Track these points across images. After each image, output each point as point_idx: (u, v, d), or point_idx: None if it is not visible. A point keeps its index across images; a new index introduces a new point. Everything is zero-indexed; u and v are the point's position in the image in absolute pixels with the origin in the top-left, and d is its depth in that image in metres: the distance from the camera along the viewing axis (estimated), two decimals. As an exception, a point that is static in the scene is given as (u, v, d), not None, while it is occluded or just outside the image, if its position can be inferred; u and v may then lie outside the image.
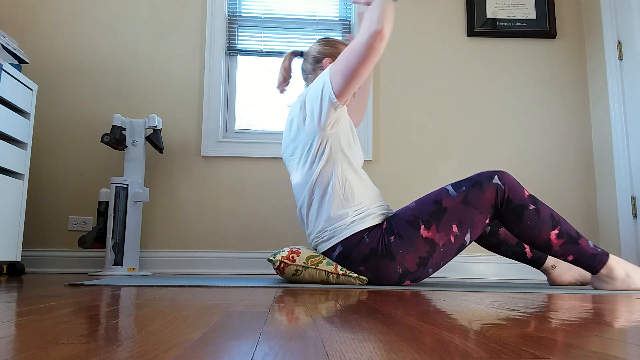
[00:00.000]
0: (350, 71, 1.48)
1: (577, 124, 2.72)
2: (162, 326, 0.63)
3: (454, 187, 1.54)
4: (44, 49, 2.59)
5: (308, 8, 2.79)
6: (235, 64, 2.75)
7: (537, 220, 1.47)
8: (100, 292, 1.20)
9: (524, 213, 1.47)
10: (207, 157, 2.58)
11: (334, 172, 1.60)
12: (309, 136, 1.62)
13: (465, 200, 1.50)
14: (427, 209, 1.53)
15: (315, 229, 1.64)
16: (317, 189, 1.61)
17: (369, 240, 1.55)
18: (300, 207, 1.68)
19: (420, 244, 1.51)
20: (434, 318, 0.75)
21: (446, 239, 1.52)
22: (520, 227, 1.48)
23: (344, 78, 1.50)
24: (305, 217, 1.67)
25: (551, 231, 1.47)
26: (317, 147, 1.60)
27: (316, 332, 0.60)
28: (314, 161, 1.62)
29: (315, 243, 1.66)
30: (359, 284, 1.58)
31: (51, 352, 0.45)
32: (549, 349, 0.50)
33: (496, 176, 1.51)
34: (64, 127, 2.55)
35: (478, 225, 1.52)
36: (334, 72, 1.53)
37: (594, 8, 2.70)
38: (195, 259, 2.48)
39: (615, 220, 2.51)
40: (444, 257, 1.54)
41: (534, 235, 1.47)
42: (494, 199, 1.50)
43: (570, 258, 1.49)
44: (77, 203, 2.50)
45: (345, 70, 1.49)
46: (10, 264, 2.06)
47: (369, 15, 1.45)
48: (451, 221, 1.51)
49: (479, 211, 1.50)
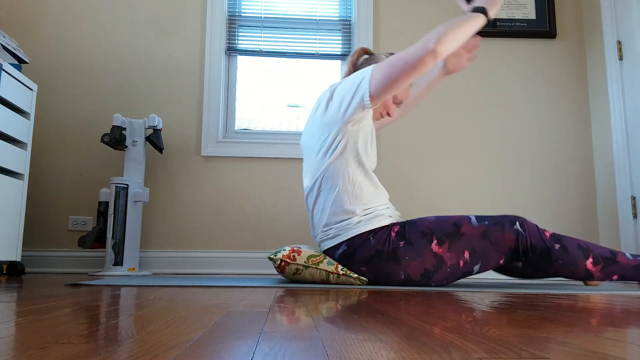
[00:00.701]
0: (392, 75, 1.46)
1: (577, 124, 2.72)
2: (162, 326, 0.63)
3: (477, 219, 1.55)
4: (44, 49, 2.59)
5: (308, 8, 2.79)
6: (235, 64, 2.75)
7: (567, 256, 1.48)
8: (100, 292, 1.20)
9: (552, 254, 1.48)
10: (207, 157, 2.58)
11: (345, 168, 1.58)
12: (329, 125, 1.58)
13: (485, 234, 1.52)
14: (444, 228, 1.54)
15: (320, 222, 1.63)
16: (326, 181, 1.59)
17: (375, 242, 1.54)
18: (308, 195, 1.67)
19: (429, 257, 1.51)
20: (434, 318, 0.75)
21: (455, 261, 1.52)
22: (555, 268, 1.49)
23: (384, 80, 1.47)
24: (312, 208, 1.66)
25: (586, 261, 1.48)
26: (334, 139, 1.57)
27: (316, 332, 0.60)
28: (327, 152, 1.59)
29: (320, 239, 1.66)
30: (359, 285, 1.58)
31: (51, 352, 0.45)
32: (549, 349, 0.50)
33: (517, 222, 1.52)
34: (64, 127, 2.55)
35: (490, 261, 1.53)
36: (377, 71, 1.49)
37: (594, 8, 2.70)
38: (195, 259, 2.48)
39: (615, 220, 2.51)
40: (448, 276, 1.54)
41: (571, 270, 1.49)
42: (514, 244, 1.51)
43: (616, 277, 1.51)
44: (77, 203, 2.50)
45: (388, 73, 1.46)
46: (10, 264, 2.06)
47: (438, 29, 1.43)
48: (465, 247, 1.52)
49: (496, 249, 1.51)
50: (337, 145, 1.57)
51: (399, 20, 2.74)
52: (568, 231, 2.63)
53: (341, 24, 2.79)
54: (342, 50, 2.76)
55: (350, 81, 1.56)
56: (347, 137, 1.57)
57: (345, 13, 2.80)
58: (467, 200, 2.60)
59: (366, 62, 1.73)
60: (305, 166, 1.70)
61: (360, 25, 2.70)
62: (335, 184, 1.58)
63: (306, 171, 1.69)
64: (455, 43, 1.43)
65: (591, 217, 2.64)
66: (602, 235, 2.60)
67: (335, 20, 2.79)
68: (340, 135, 1.57)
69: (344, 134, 1.57)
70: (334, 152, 1.57)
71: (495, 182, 2.65)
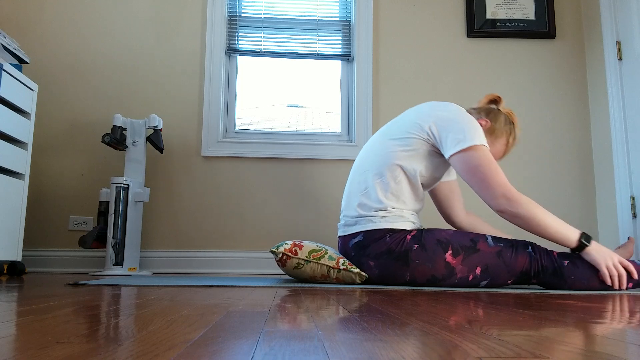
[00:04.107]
0: (482, 176, 1.49)
1: (576, 124, 2.72)
2: (162, 326, 0.63)
3: (493, 239, 1.56)
4: (45, 49, 2.59)
5: (308, 8, 2.79)
6: (235, 64, 2.75)
7: (578, 270, 1.49)
8: (100, 291, 1.20)
9: (563, 271, 1.50)
10: (207, 157, 2.58)
11: (405, 169, 1.59)
12: (421, 131, 1.59)
13: (499, 254, 1.53)
14: (461, 241, 1.55)
15: (351, 204, 1.65)
16: (387, 169, 1.60)
17: (390, 241, 1.56)
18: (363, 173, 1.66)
19: (440, 265, 1.52)
20: (434, 318, 0.75)
21: (465, 274, 1.53)
22: (569, 285, 1.50)
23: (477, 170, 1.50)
24: (355, 186, 1.67)
25: (598, 273, 1.49)
26: (416, 139, 1.59)
27: (316, 332, 0.60)
28: (401, 145, 1.60)
29: (343, 223, 1.69)
30: (359, 280, 1.59)
31: (51, 352, 0.45)
32: (549, 349, 0.50)
33: (530, 246, 1.55)
34: (65, 127, 2.55)
35: (499, 280, 1.55)
36: (483, 153, 1.51)
37: (593, 8, 2.70)
38: (195, 259, 2.48)
39: (614, 220, 2.51)
40: (454, 287, 1.56)
41: (585, 284, 1.50)
42: (526, 267, 1.52)
43: (631, 285, 1.51)
44: (78, 203, 2.50)
45: (478, 169, 1.50)
46: (10, 264, 2.06)
47: (536, 205, 1.48)
48: (478, 263, 1.53)
49: (507, 269, 1.53)
50: (415, 149, 1.59)
51: (398, 21, 2.74)
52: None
53: (341, 25, 2.79)
54: (342, 51, 2.77)
55: (457, 128, 1.55)
56: (423, 152, 1.59)
57: (345, 13, 2.80)
58: (467, 200, 2.60)
59: (485, 112, 1.75)
60: (371, 145, 1.71)
61: (360, 25, 2.70)
62: (391, 176, 1.59)
63: (367, 155, 1.69)
64: (532, 220, 1.46)
65: (590, 217, 2.64)
66: (602, 235, 2.60)
67: (335, 21, 2.79)
68: (422, 144, 1.59)
69: (424, 148, 1.59)
70: (408, 150, 1.59)
71: (495, 182, 2.65)
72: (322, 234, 2.56)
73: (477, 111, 1.76)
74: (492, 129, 1.71)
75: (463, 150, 1.51)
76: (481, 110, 1.75)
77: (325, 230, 2.56)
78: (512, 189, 1.48)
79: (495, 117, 1.72)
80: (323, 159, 2.62)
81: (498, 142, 1.72)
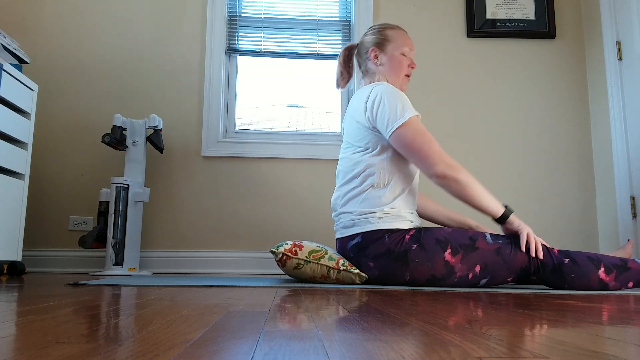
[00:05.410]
0: (417, 147, 1.53)
1: (576, 124, 2.72)
2: (162, 326, 0.63)
3: (492, 236, 1.57)
4: (45, 49, 2.59)
5: (308, 8, 2.79)
6: (235, 64, 2.75)
7: (578, 268, 1.49)
8: (100, 291, 1.20)
9: (563, 268, 1.49)
10: (207, 157, 2.58)
11: (387, 167, 1.60)
12: (365, 129, 1.63)
13: (498, 251, 1.53)
14: (460, 239, 1.55)
15: (342, 203, 1.66)
16: (366, 174, 1.61)
17: (389, 241, 1.56)
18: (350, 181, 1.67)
19: (440, 264, 1.52)
20: (433, 318, 0.75)
21: (465, 272, 1.53)
22: (569, 282, 1.50)
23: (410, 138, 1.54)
24: (344, 191, 1.67)
25: (598, 271, 1.49)
26: (369, 137, 1.62)
27: (316, 332, 0.60)
28: (364, 151, 1.63)
29: (337, 226, 1.69)
30: (359, 281, 1.59)
31: (52, 352, 0.45)
32: (549, 349, 0.50)
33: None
34: (65, 127, 2.55)
35: (498, 278, 1.54)
36: (411, 128, 1.54)
37: (593, 8, 2.70)
38: (195, 259, 2.48)
39: (614, 220, 2.51)
40: (454, 286, 1.56)
41: (585, 283, 1.49)
42: (525, 263, 1.52)
43: (631, 284, 1.51)
44: (78, 203, 2.50)
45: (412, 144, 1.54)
46: (10, 264, 2.06)
47: (468, 173, 1.52)
48: (477, 261, 1.53)
49: (507, 267, 1.53)
50: (375, 147, 1.62)
51: (398, 21, 2.74)
52: (567, 231, 2.63)
53: (341, 25, 2.79)
54: (342, 51, 2.77)
55: (382, 111, 1.58)
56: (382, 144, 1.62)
57: (345, 13, 2.80)
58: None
59: (358, 54, 1.80)
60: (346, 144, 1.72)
61: (360, 25, 2.70)
62: (374, 180, 1.60)
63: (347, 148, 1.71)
64: (468, 186, 1.50)
65: (590, 217, 2.64)
66: (602, 235, 2.60)
67: (335, 21, 2.79)
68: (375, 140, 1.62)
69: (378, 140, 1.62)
70: (373, 152, 1.62)
71: (494, 181, 2.65)
72: (322, 234, 2.56)
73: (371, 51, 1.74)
74: (385, 48, 1.72)
75: (394, 130, 1.54)
76: (370, 50, 1.74)
77: (325, 231, 2.56)
78: (449, 156, 1.52)
79: (379, 41, 1.73)
80: (323, 159, 2.62)
81: (396, 51, 1.72)
